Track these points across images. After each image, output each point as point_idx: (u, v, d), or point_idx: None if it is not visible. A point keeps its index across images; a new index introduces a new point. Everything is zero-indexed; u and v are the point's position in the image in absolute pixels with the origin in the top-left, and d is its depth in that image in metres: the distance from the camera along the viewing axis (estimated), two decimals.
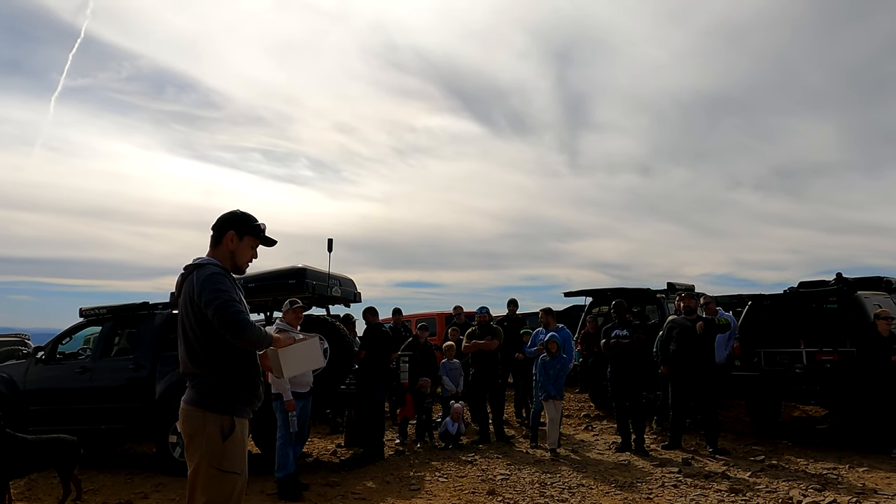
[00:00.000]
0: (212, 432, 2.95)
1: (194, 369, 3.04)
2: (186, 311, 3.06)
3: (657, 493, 6.19)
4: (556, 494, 6.22)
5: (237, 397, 3.06)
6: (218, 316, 2.90)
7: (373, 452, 8.05)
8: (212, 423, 2.97)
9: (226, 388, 3.02)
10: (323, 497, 6.34)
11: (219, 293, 2.95)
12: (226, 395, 3.01)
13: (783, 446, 8.25)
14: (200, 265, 3.11)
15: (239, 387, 3.06)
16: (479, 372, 9.43)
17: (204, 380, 3.01)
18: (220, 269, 3.11)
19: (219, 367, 3.01)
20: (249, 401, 3.12)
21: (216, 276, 3.02)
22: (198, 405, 3.00)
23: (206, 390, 3.01)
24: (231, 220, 3.27)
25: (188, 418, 3.02)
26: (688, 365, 8.19)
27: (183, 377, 3.13)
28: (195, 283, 3.03)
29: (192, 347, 3.04)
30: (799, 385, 8.55)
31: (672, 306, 11.27)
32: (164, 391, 7.80)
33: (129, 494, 6.63)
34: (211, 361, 3.01)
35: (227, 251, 3.22)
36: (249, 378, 3.11)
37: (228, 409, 3.01)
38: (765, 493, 6.04)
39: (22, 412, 8.30)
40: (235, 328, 2.90)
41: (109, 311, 8.63)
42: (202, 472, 2.93)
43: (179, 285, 3.16)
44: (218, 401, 3.00)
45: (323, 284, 8.16)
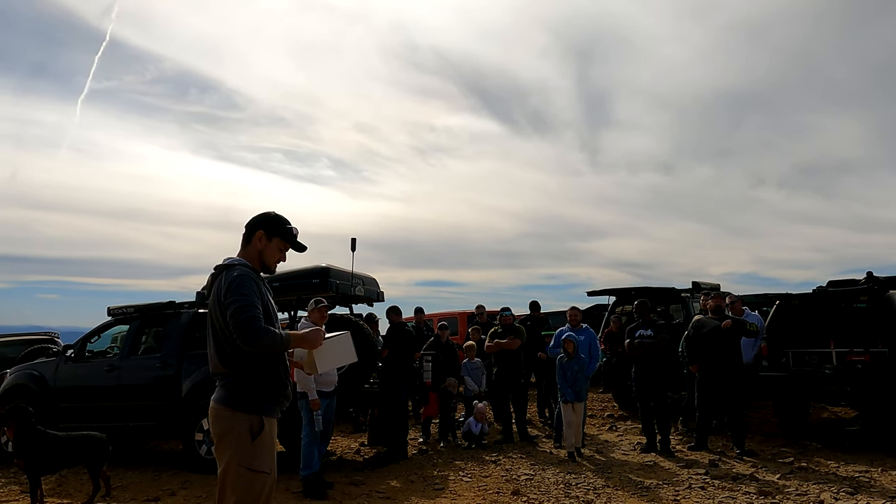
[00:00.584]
0: (241, 432, 2.95)
1: (223, 368, 3.04)
2: (216, 311, 3.06)
3: (684, 496, 6.11)
4: (581, 495, 6.17)
5: (266, 397, 3.05)
6: (232, 321, 2.91)
7: (396, 451, 8.06)
8: (241, 422, 2.96)
9: (255, 387, 3.02)
10: (348, 496, 6.37)
11: (240, 297, 2.94)
12: (255, 395, 3.01)
13: (812, 448, 8.10)
14: (230, 266, 3.12)
15: (268, 386, 3.06)
16: (501, 372, 9.39)
17: (233, 379, 3.02)
18: (249, 270, 3.12)
19: (248, 367, 3.01)
20: (278, 400, 3.12)
21: (243, 279, 3.02)
22: (227, 404, 3.00)
23: (235, 389, 3.01)
24: (262, 220, 3.27)
25: (218, 417, 3.03)
26: (715, 365, 8.09)
27: (212, 376, 3.13)
28: (223, 283, 3.04)
29: (221, 347, 3.05)
30: (829, 386, 8.39)
31: (697, 305, 11.14)
32: (190, 389, 7.89)
33: (156, 491, 6.71)
34: (240, 361, 3.00)
35: (256, 251, 3.23)
36: (278, 378, 3.11)
37: (258, 408, 3.01)
38: (795, 497, 5.94)
39: (52, 409, 8.46)
40: (246, 335, 2.88)
41: (137, 310, 8.75)
42: (232, 471, 2.93)
43: (210, 285, 3.17)
44: (247, 400, 3.00)
45: (346, 283, 8.19)
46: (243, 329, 2.88)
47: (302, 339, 3.16)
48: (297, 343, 3.14)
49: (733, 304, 8.85)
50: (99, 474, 6.25)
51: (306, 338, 3.17)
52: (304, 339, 3.17)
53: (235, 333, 2.90)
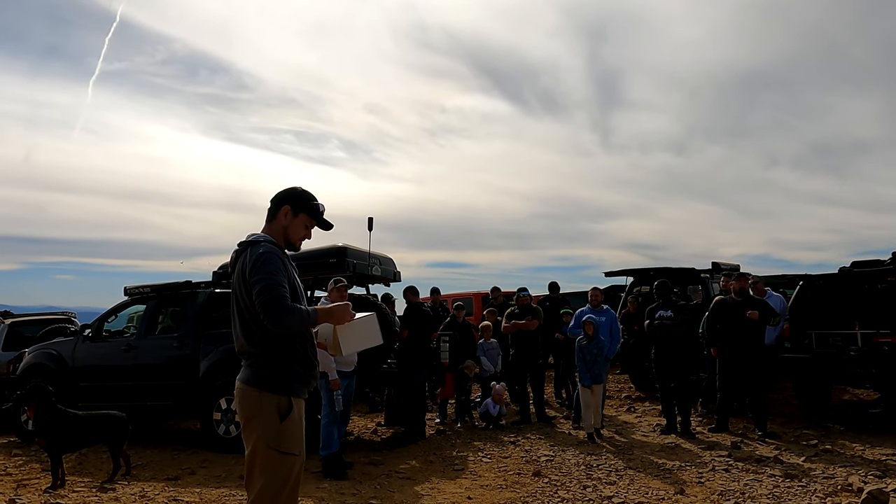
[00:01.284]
0: (269, 413, 2.87)
1: (250, 348, 2.95)
2: (240, 290, 2.96)
3: (708, 478, 6.03)
4: (604, 477, 6.10)
5: (294, 377, 2.97)
6: (259, 299, 2.81)
7: (414, 432, 8.03)
8: (269, 403, 2.88)
9: (282, 367, 2.93)
10: (367, 476, 6.34)
11: (266, 275, 2.85)
12: (283, 375, 2.93)
13: (836, 431, 7.98)
14: (254, 242, 3.02)
15: (296, 366, 2.97)
16: (518, 353, 9.32)
17: (260, 359, 2.93)
18: (274, 246, 3.01)
19: (275, 346, 2.92)
20: (306, 380, 3.04)
21: (268, 256, 2.92)
22: (254, 385, 2.92)
23: (262, 370, 2.92)
24: (288, 195, 3.18)
25: (244, 398, 2.94)
26: (737, 346, 7.97)
27: (238, 356, 3.05)
28: (248, 260, 2.94)
29: (247, 326, 2.95)
30: (853, 368, 8.25)
31: (717, 286, 11.00)
32: (207, 369, 7.88)
33: (176, 470, 6.71)
34: (267, 340, 2.91)
35: (280, 226, 3.12)
36: (306, 357, 3.02)
37: (285, 388, 2.93)
38: (822, 480, 5.84)
39: (71, 388, 8.49)
40: (272, 314, 2.79)
41: (153, 290, 8.74)
42: (260, 453, 2.86)
43: (233, 262, 3.08)
44: (275, 380, 2.91)
45: (364, 263, 8.12)
46: (270, 308, 2.79)
47: (329, 315, 3.06)
48: (323, 318, 3.04)
49: (755, 284, 8.70)
50: (119, 453, 6.25)
51: (333, 313, 3.08)
52: (331, 314, 3.07)
53: (262, 313, 2.81)
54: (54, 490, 5.75)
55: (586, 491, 5.63)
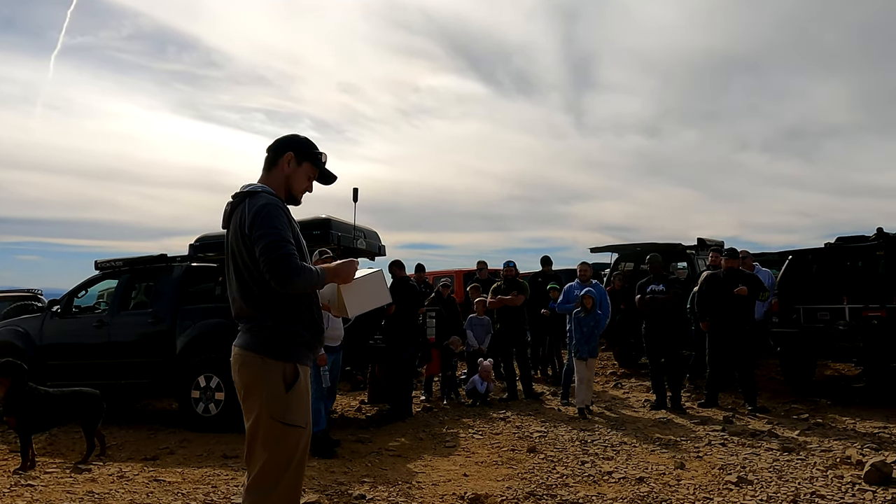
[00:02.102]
0: (274, 381, 2.58)
1: (250, 311, 2.64)
2: (238, 246, 2.64)
3: (706, 452, 5.92)
4: (601, 452, 5.96)
5: (300, 341, 2.66)
6: (264, 258, 2.51)
7: (401, 409, 7.82)
8: (273, 370, 2.59)
9: (288, 331, 2.63)
10: (356, 454, 6.11)
11: (270, 230, 2.54)
12: (288, 340, 2.63)
13: (823, 405, 7.98)
14: (252, 192, 2.68)
15: (302, 330, 2.67)
16: (504, 328, 9.16)
17: (262, 322, 2.62)
18: (275, 198, 2.69)
19: (279, 309, 2.62)
20: (313, 345, 2.74)
21: (270, 208, 2.59)
22: (256, 350, 2.60)
23: (264, 334, 2.61)
24: (291, 141, 2.84)
25: (245, 365, 2.63)
26: (726, 321, 7.90)
27: (235, 320, 2.74)
28: (247, 212, 2.60)
29: (246, 287, 2.64)
30: (841, 342, 8.26)
31: (703, 262, 10.94)
32: (184, 346, 7.57)
33: (154, 450, 6.41)
34: (271, 302, 2.61)
35: (282, 176, 2.80)
36: (312, 320, 2.72)
37: (291, 354, 2.62)
38: (819, 453, 5.77)
39: (39, 366, 8.08)
40: (281, 274, 2.49)
41: (126, 264, 8.35)
42: (262, 425, 2.57)
43: (227, 216, 2.73)
44: (279, 346, 2.61)
45: (348, 236, 7.82)
46: (277, 267, 2.49)
47: (335, 273, 2.74)
48: (330, 278, 2.72)
49: (744, 259, 8.62)
50: (93, 433, 5.92)
51: (339, 271, 2.75)
52: (338, 272, 2.75)
53: (268, 272, 2.51)
54: (25, 472, 5.41)
55: (585, 466, 5.47)
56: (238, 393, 2.71)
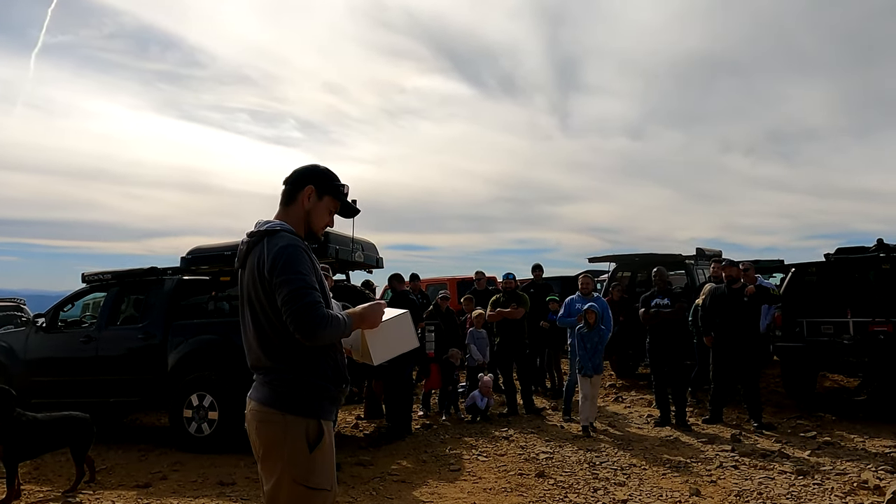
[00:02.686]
0: (296, 440, 2.36)
1: (269, 362, 2.42)
2: (255, 290, 2.42)
3: (719, 475, 5.77)
4: (611, 476, 5.79)
5: (324, 395, 2.44)
6: (288, 307, 2.29)
7: (400, 427, 7.60)
8: (295, 428, 2.37)
9: (310, 384, 2.41)
10: (358, 478, 5.88)
11: (293, 275, 2.32)
12: (310, 394, 2.41)
13: (829, 420, 7.87)
14: (272, 231, 2.46)
15: (325, 383, 2.44)
16: (504, 342, 8.97)
17: (282, 375, 2.41)
18: (296, 237, 2.48)
19: (301, 360, 2.41)
20: (338, 398, 2.54)
21: (292, 250, 2.38)
22: (276, 406, 2.39)
23: (284, 388, 2.40)
24: (311, 173, 2.62)
25: (264, 423, 2.41)
26: (731, 335, 7.76)
27: (251, 370, 2.51)
28: (265, 254, 2.38)
29: (264, 335, 2.42)
30: (846, 357, 8.16)
31: (701, 272, 10.84)
32: (176, 362, 7.32)
33: (145, 475, 6.15)
34: (291, 353, 2.40)
35: (302, 211, 2.58)
36: (337, 370, 2.50)
37: (314, 410, 2.41)
38: (835, 476, 5.64)
39: (23, 383, 7.78)
40: (307, 325, 2.27)
41: (115, 277, 8.06)
42: (285, 489, 2.34)
43: (243, 255, 2.52)
44: (301, 401, 2.40)
45: (346, 249, 7.59)
46: (302, 318, 2.27)
47: (361, 318, 2.54)
48: (356, 324, 2.52)
49: (746, 271, 8.51)
50: (83, 458, 5.66)
51: (365, 316, 2.55)
52: (364, 317, 2.55)
53: (292, 323, 2.29)
54: (9, 503, 5.15)
55: (598, 494, 5.30)
56: (255, 452, 2.48)
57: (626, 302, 10.83)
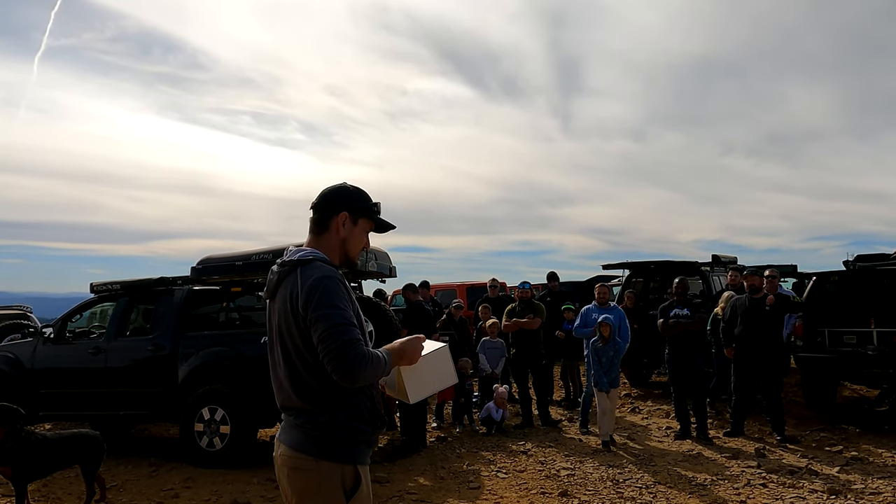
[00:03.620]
0: (332, 489, 2.19)
1: (302, 403, 2.24)
2: (288, 325, 2.23)
3: (746, 494, 5.60)
4: (636, 496, 5.62)
5: (360, 439, 2.26)
6: (325, 345, 2.11)
7: (415, 440, 7.44)
8: (330, 476, 2.20)
9: (345, 427, 2.22)
10: (376, 497, 5.61)
11: (331, 310, 2.14)
12: (346, 438, 2.23)
13: (853, 433, 7.69)
14: (306, 261, 2.26)
15: (361, 425, 2.26)
16: (520, 352, 8.80)
17: (315, 418, 2.22)
18: (332, 267, 2.29)
19: (336, 401, 2.22)
20: (373, 440, 2.36)
21: (329, 283, 2.19)
22: (309, 452, 2.21)
23: (317, 431, 2.21)
24: (342, 197, 2.41)
25: (296, 470, 2.23)
26: (754, 346, 7.59)
27: (281, 410, 2.35)
28: (300, 287, 2.19)
29: (297, 374, 2.24)
30: (870, 367, 7.98)
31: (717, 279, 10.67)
32: (187, 375, 7.16)
33: (157, 492, 6.01)
34: (326, 393, 2.21)
35: (337, 240, 2.38)
36: (374, 411, 2.31)
37: (350, 455, 2.23)
38: (868, 496, 5.46)
39: (30, 395, 7.68)
40: (346, 366, 2.09)
41: (123, 287, 7.93)
42: None
43: (274, 286, 2.33)
44: (336, 446, 2.21)
45: (360, 259, 7.43)
46: (342, 359, 2.09)
47: (400, 355, 2.34)
48: (395, 360, 2.32)
49: (774, 278, 8.37)
50: (93, 477, 5.50)
51: (405, 352, 2.35)
52: (403, 353, 2.34)
53: (330, 363, 2.11)
54: None
55: None
56: (285, 501, 2.31)
57: (639, 309, 10.67)
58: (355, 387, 2.20)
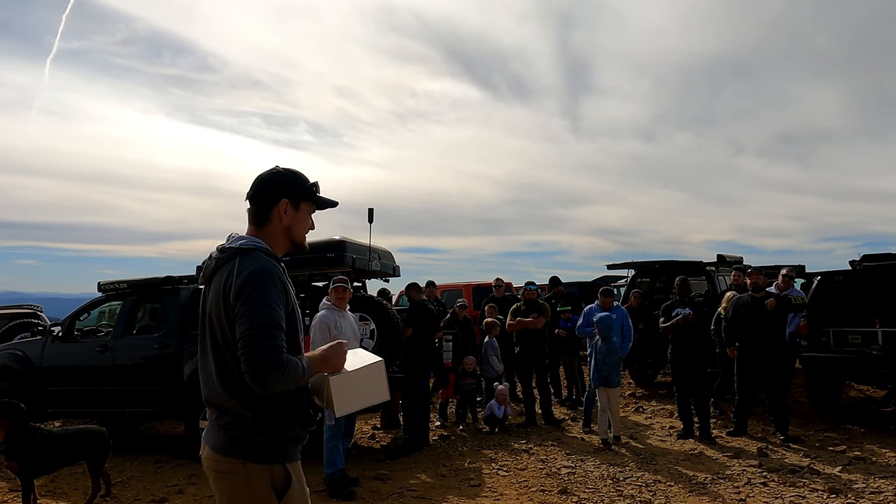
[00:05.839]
0: (261, 491, 2.11)
1: (227, 395, 2.13)
2: (219, 314, 2.13)
3: (746, 493, 5.61)
4: (636, 494, 5.63)
5: (288, 436, 2.17)
6: (244, 344, 2.02)
7: (418, 439, 7.49)
8: (258, 478, 2.11)
9: (272, 426, 2.13)
10: (377, 494, 5.78)
11: (259, 308, 2.05)
12: (272, 438, 2.13)
13: (857, 433, 7.67)
14: (244, 250, 2.16)
15: (287, 423, 2.16)
16: (524, 351, 8.83)
17: (239, 418, 2.12)
18: (272, 260, 2.19)
19: (261, 403, 2.11)
20: (301, 438, 2.26)
21: (263, 276, 2.10)
22: (234, 455, 2.11)
23: (241, 432, 2.11)
24: (279, 183, 2.29)
25: (223, 473, 2.14)
26: (756, 346, 7.57)
27: (205, 404, 2.24)
28: (234, 277, 2.09)
29: (224, 365, 2.13)
30: (875, 367, 7.94)
31: (722, 279, 10.65)
32: (193, 372, 7.23)
33: (162, 488, 6.09)
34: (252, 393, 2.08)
35: (281, 228, 2.28)
36: (301, 409, 2.21)
37: (277, 455, 2.15)
38: (869, 495, 5.46)
39: (39, 393, 7.79)
40: (258, 373, 2.00)
41: (130, 286, 8.03)
42: None
43: (210, 273, 2.21)
44: (262, 447, 2.12)
45: (363, 258, 7.50)
46: (257, 362, 2.00)
47: (322, 361, 2.24)
48: (318, 368, 2.22)
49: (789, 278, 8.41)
50: (99, 473, 5.59)
51: (327, 359, 2.25)
52: (325, 360, 2.25)
53: (245, 365, 2.02)
54: None
55: None
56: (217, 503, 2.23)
57: (645, 309, 10.67)
58: (268, 393, 2.08)
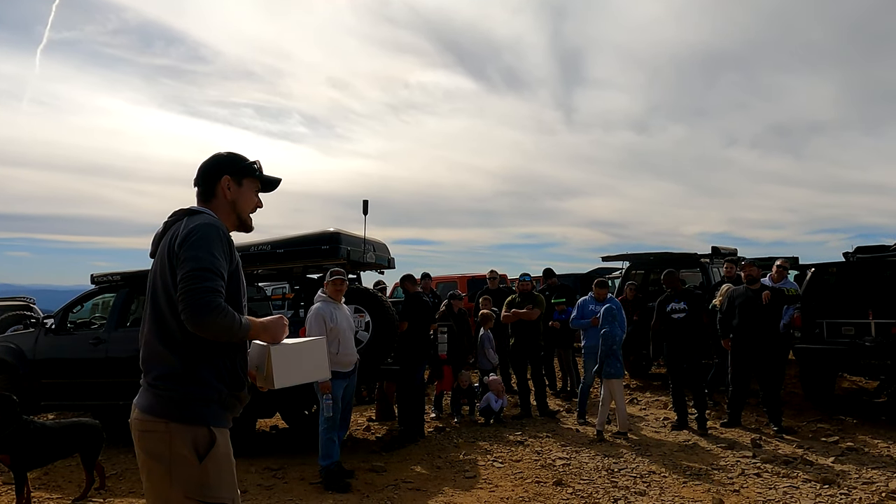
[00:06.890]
0: (182, 452, 2.14)
1: (162, 350, 2.20)
2: (163, 268, 2.23)
3: (741, 483, 5.63)
4: (631, 485, 5.65)
5: (214, 398, 2.21)
6: (184, 285, 2.10)
7: (413, 430, 7.49)
8: (180, 438, 2.15)
9: (198, 386, 2.19)
10: (372, 486, 5.78)
11: (203, 253, 2.14)
12: (198, 399, 2.18)
13: (850, 424, 7.71)
14: (195, 211, 2.34)
15: (217, 384, 2.22)
16: (519, 343, 8.84)
17: (170, 369, 2.19)
18: (221, 225, 2.32)
19: (194, 354, 2.19)
20: (230, 403, 2.30)
21: (210, 230, 2.22)
22: (158, 414, 2.17)
23: (168, 392, 2.18)
24: (220, 163, 2.44)
25: (147, 433, 2.19)
26: (750, 337, 7.60)
27: (141, 367, 2.30)
28: (182, 230, 2.22)
29: (161, 318, 2.22)
30: (868, 359, 7.98)
31: (717, 271, 10.67)
32: None
33: None
34: (188, 344, 2.18)
35: (227, 203, 2.42)
36: (233, 372, 2.28)
37: (202, 417, 2.19)
38: (861, 486, 5.49)
39: (32, 385, 7.75)
40: (195, 309, 2.07)
41: (123, 278, 7.98)
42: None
43: (158, 238, 2.35)
44: (186, 407, 2.17)
45: (358, 250, 7.47)
46: (195, 303, 2.07)
47: (263, 328, 2.34)
48: (256, 332, 2.31)
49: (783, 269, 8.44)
50: (93, 466, 5.57)
51: (267, 328, 2.35)
52: (265, 328, 2.34)
53: (182, 303, 2.09)
54: None
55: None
56: (140, 469, 2.26)
57: (640, 301, 10.69)
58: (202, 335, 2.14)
